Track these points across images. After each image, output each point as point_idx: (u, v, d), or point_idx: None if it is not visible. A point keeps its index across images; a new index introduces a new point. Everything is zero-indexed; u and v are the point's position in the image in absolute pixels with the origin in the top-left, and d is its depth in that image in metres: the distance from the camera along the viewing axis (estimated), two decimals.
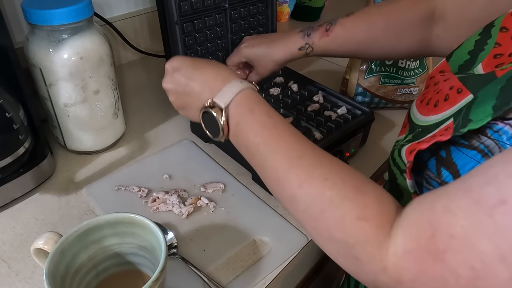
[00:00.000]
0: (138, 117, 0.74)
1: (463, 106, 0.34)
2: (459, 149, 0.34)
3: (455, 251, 0.26)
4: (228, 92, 0.40)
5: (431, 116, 0.38)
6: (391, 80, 0.74)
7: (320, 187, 0.34)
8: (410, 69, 0.74)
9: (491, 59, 0.37)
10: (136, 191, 0.57)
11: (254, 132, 0.39)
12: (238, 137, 0.41)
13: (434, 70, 0.45)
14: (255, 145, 0.38)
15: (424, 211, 0.29)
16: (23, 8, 0.52)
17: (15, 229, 0.52)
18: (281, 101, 0.69)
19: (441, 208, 0.28)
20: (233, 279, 0.47)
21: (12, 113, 0.51)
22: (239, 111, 0.40)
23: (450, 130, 0.33)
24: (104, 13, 0.83)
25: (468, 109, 0.33)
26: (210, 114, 0.40)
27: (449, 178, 0.34)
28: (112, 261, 0.42)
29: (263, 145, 0.38)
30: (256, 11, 0.75)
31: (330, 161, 0.36)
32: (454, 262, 0.26)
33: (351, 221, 0.32)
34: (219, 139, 0.42)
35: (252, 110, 0.39)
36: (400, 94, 0.76)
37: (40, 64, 0.54)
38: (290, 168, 0.36)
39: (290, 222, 0.54)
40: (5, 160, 0.52)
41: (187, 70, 0.44)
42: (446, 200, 0.28)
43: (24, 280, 0.46)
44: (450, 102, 0.37)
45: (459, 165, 0.34)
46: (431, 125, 0.37)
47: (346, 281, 0.58)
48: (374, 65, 0.73)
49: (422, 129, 0.38)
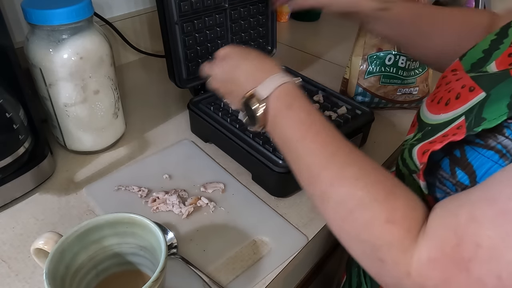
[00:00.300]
0: (138, 117, 0.74)
1: (475, 104, 0.34)
2: (475, 148, 0.34)
3: (481, 260, 0.26)
4: (269, 84, 0.40)
5: (441, 115, 0.38)
6: (391, 80, 0.74)
7: (351, 187, 0.34)
8: (410, 69, 0.74)
9: (505, 58, 0.37)
10: (136, 191, 0.57)
11: (291, 128, 0.39)
12: (275, 130, 0.41)
13: (447, 70, 0.44)
14: (291, 141, 0.39)
15: (448, 218, 0.29)
16: (23, 8, 0.52)
17: (15, 229, 0.52)
18: None
19: (466, 217, 0.28)
20: (233, 279, 0.47)
21: (12, 113, 0.51)
22: (277, 105, 0.40)
23: (463, 129, 0.33)
24: (104, 13, 0.83)
25: (480, 107, 0.33)
26: (250, 103, 0.41)
27: (465, 178, 0.34)
28: (112, 261, 0.41)
29: (299, 142, 0.38)
30: (256, 11, 0.75)
31: (363, 161, 0.36)
32: (480, 271, 0.26)
33: (379, 223, 0.32)
34: (255, 129, 0.43)
35: (291, 106, 0.40)
36: (400, 94, 0.76)
37: (40, 64, 0.54)
38: (323, 166, 0.36)
39: (290, 222, 0.54)
40: (5, 160, 0.52)
41: (234, 59, 0.45)
42: (471, 208, 0.28)
43: (24, 280, 0.46)
44: (461, 100, 0.36)
45: (475, 165, 0.33)
46: (441, 123, 0.37)
47: (348, 282, 0.58)
48: (374, 65, 0.73)
49: (432, 128, 0.38)
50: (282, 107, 0.40)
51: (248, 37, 0.77)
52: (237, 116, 0.65)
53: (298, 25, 1.22)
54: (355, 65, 0.74)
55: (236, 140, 0.60)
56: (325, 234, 0.57)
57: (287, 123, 0.40)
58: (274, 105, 0.40)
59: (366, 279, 0.53)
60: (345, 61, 0.81)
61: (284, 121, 0.40)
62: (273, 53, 0.82)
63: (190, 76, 0.71)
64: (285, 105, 0.40)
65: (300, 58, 1.01)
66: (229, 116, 0.64)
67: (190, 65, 0.70)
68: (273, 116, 0.41)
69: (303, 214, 0.56)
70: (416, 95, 0.77)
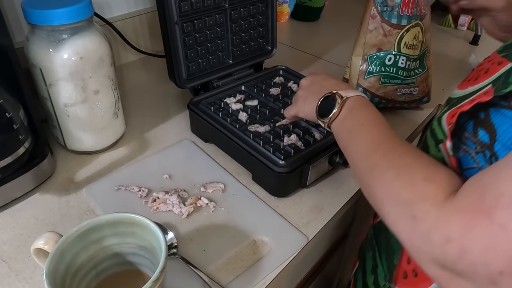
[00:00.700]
0: (138, 117, 0.74)
1: (502, 73, 0.36)
2: (499, 110, 0.36)
3: (503, 207, 0.28)
4: (351, 92, 0.48)
5: (468, 88, 0.41)
6: (391, 80, 0.74)
7: (402, 157, 0.39)
8: (410, 69, 0.74)
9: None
10: (136, 191, 0.57)
11: (362, 118, 0.46)
12: (346, 120, 0.47)
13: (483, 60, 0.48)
14: (359, 125, 0.45)
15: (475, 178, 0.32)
16: (23, 8, 0.52)
17: (15, 229, 0.52)
18: (281, 101, 0.69)
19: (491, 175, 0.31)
20: (233, 279, 0.47)
21: (12, 113, 0.51)
22: (355, 104, 0.47)
23: (490, 93, 0.36)
24: (104, 13, 0.83)
25: (508, 74, 0.35)
26: (332, 97, 0.48)
27: (485, 137, 0.37)
28: (112, 261, 0.42)
29: (365, 126, 0.45)
30: (256, 11, 0.75)
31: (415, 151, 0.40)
32: (502, 217, 0.28)
33: (418, 181, 0.35)
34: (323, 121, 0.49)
35: (367, 106, 0.47)
36: (400, 94, 0.76)
37: (40, 64, 0.54)
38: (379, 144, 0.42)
39: (290, 222, 0.54)
40: (5, 160, 0.52)
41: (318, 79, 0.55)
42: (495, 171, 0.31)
43: (24, 280, 0.46)
44: (489, 73, 0.39)
45: (496, 124, 0.36)
46: (468, 94, 0.40)
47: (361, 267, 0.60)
48: (374, 65, 0.73)
49: (459, 99, 0.41)
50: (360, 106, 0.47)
51: (248, 37, 0.77)
52: (237, 116, 0.65)
53: (298, 25, 1.22)
54: (355, 65, 0.74)
55: (236, 140, 0.60)
56: (325, 234, 0.57)
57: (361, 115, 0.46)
58: (353, 104, 0.47)
59: (382, 260, 0.54)
60: (345, 61, 0.81)
61: (359, 113, 0.47)
62: (273, 53, 0.82)
63: (190, 76, 0.71)
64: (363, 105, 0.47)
65: (300, 58, 1.01)
66: (229, 116, 0.64)
67: (190, 65, 0.70)
68: (349, 109, 0.47)
69: (303, 214, 0.56)
70: (416, 95, 0.77)
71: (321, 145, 0.60)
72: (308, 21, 1.24)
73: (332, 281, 0.98)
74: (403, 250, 0.50)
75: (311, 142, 0.60)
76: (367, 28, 0.71)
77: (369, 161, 0.41)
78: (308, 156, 0.58)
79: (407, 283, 0.49)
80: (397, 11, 0.68)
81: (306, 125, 0.64)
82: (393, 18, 0.69)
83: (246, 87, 0.74)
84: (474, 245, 0.29)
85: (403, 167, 0.38)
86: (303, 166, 0.57)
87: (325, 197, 0.59)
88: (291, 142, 0.59)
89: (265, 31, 0.79)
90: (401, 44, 0.71)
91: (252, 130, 0.61)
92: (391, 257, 0.52)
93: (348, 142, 0.46)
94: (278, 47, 0.83)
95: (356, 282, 0.61)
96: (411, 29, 0.70)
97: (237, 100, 0.69)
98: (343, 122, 0.47)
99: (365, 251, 0.60)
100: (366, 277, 0.57)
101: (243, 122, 0.63)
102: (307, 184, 0.59)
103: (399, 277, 0.50)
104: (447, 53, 1.09)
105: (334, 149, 0.60)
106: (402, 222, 0.35)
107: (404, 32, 0.70)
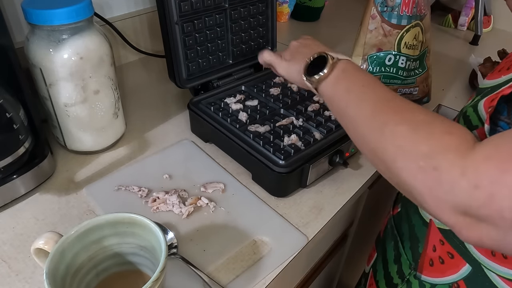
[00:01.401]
0: (138, 117, 0.74)
1: None
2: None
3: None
4: (342, 56, 0.47)
5: (502, 77, 0.42)
6: (391, 81, 0.74)
7: (414, 113, 0.38)
8: (410, 69, 0.74)
9: None
10: (136, 191, 0.57)
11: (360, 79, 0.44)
12: (339, 80, 0.45)
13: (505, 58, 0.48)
14: (358, 86, 0.43)
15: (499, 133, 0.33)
16: (23, 8, 0.52)
17: (15, 229, 0.52)
18: (281, 101, 0.69)
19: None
20: (233, 279, 0.47)
21: (12, 113, 0.51)
22: (347, 65, 0.46)
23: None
24: (104, 13, 0.83)
25: None
26: (322, 58, 0.47)
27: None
28: (112, 261, 0.42)
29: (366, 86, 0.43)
30: (256, 11, 0.75)
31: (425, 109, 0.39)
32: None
33: (438, 133, 0.35)
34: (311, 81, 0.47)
35: (361, 70, 0.46)
36: (400, 95, 0.76)
37: (40, 64, 0.54)
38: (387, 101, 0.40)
39: (290, 222, 0.54)
40: (5, 160, 0.52)
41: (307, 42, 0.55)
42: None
43: (24, 280, 0.46)
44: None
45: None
46: (501, 83, 0.41)
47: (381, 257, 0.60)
48: (374, 65, 0.73)
49: (492, 88, 0.42)
50: (352, 67, 0.46)
51: (248, 37, 0.77)
52: (237, 116, 0.65)
53: (298, 25, 1.22)
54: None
55: (236, 140, 0.60)
56: (325, 234, 0.57)
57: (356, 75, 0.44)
58: (345, 65, 0.46)
59: (405, 249, 0.54)
60: None
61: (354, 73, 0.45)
62: None
63: (190, 76, 0.71)
64: (355, 67, 0.46)
65: None
66: (229, 116, 0.64)
67: (190, 65, 0.70)
68: (341, 70, 0.45)
69: (303, 214, 0.56)
70: (416, 95, 0.77)
71: (321, 145, 0.60)
72: (308, 21, 1.24)
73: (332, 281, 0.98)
74: (427, 238, 0.50)
75: (311, 142, 0.60)
76: (367, 28, 0.71)
77: (378, 120, 0.39)
78: (308, 156, 0.58)
79: (433, 270, 0.49)
80: (397, 11, 0.68)
81: (306, 125, 0.64)
82: (393, 18, 0.69)
83: (246, 87, 0.74)
84: (503, 189, 0.29)
85: (419, 122, 0.37)
86: (303, 166, 0.57)
87: (325, 197, 0.59)
88: (291, 142, 0.59)
89: (265, 31, 0.79)
90: (401, 44, 0.71)
91: (252, 130, 0.61)
92: (416, 245, 0.51)
93: (348, 103, 0.43)
94: (278, 47, 0.83)
95: (376, 273, 0.61)
96: (411, 29, 0.70)
97: (237, 100, 0.69)
98: (336, 82, 0.45)
99: (385, 241, 0.60)
100: (388, 267, 0.58)
101: (243, 122, 0.63)
102: (307, 184, 0.59)
103: (424, 264, 0.50)
104: (447, 53, 1.09)
105: (334, 149, 0.60)
106: (421, 176, 0.34)
107: (404, 32, 0.70)
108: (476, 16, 0.96)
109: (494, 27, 1.29)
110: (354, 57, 0.74)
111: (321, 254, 0.72)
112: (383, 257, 0.59)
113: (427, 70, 0.76)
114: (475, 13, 0.96)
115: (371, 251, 0.66)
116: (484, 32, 1.15)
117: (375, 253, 0.63)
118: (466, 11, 1.23)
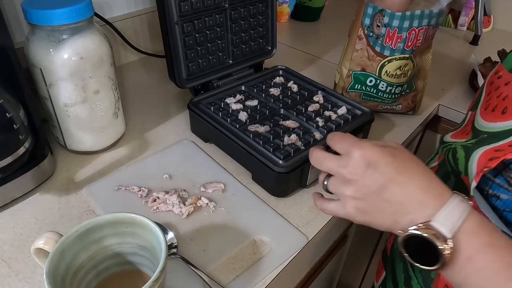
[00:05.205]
0: (138, 117, 0.74)
1: None
2: None
3: None
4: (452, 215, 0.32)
5: (499, 123, 0.39)
6: (371, 98, 0.73)
7: None
8: (392, 92, 0.72)
9: None
10: (136, 191, 0.57)
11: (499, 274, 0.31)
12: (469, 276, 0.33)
13: (491, 75, 0.45)
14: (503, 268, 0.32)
15: None
16: (23, 8, 0.52)
17: (15, 229, 0.52)
18: (281, 101, 0.69)
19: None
20: (233, 279, 0.47)
21: (12, 113, 0.51)
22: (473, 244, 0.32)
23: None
24: (104, 13, 0.83)
25: None
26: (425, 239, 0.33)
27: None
28: (112, 261, 0.42)
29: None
30: (256, 11, 0.75)
31: None
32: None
33: None
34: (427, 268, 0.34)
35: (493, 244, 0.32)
36: (382, 109, 0.75)
37: (40, 64, 0.54)
38: None
39: (290, 222, 0.54)
40: (5, 160, 0.52)
41: (387, 170, 0.35)
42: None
43: (24, 280, 0.46)
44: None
45: None
46: (500, 131, 0.38)
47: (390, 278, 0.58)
48: (356, 82, 0.71)
49: (489, 135, 0.39)
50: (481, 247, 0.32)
51: (248, 37, 0.77)
52: (237, 116, 0.65)
53: (298, 25, 1.22)
54: (342, 74, 0.74)
55: (236, 140, 0.60)
56: (325, 234, 0.57)
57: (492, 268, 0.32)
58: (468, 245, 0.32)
59: (415, 272, 0.52)
60: None
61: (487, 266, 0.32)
62: (273, 53, 0.82)
63: (190, 76, 0.71)
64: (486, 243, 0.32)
65: (300, 58, 1.01)
66: (229, 116, 0.64)
67: (190, 65, 0.70)
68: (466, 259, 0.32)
69: (303, 214, 0.56)
70: (400, 110, 0.76)
71: (321, 145, 0.60)
72: (308, 21, 1.24)
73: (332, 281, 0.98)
74: None
75: (311, 142, 0.60)
76: (354, 46, 0.70)
77: None
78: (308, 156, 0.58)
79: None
80: (381, 41, 0.66)
81: (306, 125, 0.64)
82: (377, 46, 0.67)
83: (246, 87, 0.74)
84: None
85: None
86: (303, 166, 0.57)
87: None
88: (291, 142, 0.59)
89: (265, 31, 0.79)
90: (382, 72, 0.69)
91: (252, 130, 0.61)
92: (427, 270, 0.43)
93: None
94: (278, 47, 0.83)
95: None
96: (393, 61, 0.67)
97: (237, 100, 0.69)
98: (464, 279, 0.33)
99: (394, 262, 0.58)
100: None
101: (243, 122, 0.63)
102: (307, 184, 0.59)
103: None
104: (447, 53, 1.09)
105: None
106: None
107: (386, 62, 0.68)
108: (476, 16, 0.96)
109: (494, 27, 1.29)
110: (343, 66, 0.73)
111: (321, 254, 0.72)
112: (392, 277, 0.57)
113: (414, 89, 0.74)
114: (475, 13, 0.96)
115: (379, 267, 0.64)
116: (484, 32, 1.15)
117: (383, 271, 0.61)
118: (466, 11, 1.23)
